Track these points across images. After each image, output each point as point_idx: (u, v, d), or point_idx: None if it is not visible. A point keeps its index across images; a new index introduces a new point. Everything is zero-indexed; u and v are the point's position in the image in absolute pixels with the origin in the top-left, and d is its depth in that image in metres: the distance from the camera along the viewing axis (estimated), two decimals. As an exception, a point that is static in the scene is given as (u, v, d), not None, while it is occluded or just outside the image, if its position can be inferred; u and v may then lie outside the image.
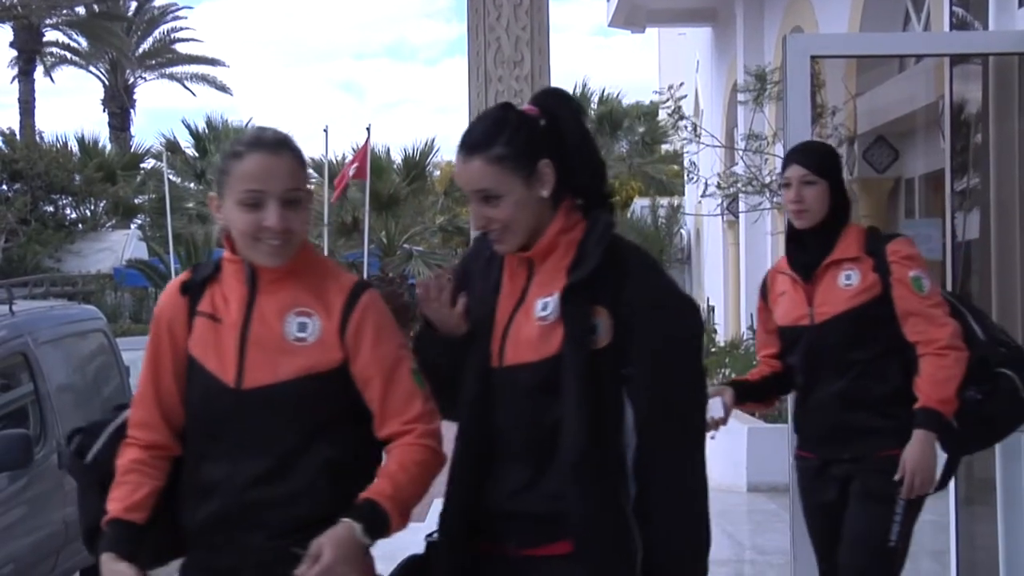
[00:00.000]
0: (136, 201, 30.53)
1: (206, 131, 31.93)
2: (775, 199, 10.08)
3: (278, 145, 2.22)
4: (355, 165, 22.32)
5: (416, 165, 27.16)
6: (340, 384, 2.21)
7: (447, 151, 28.11)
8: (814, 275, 3.40)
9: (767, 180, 9.56)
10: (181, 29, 34.32)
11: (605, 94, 29.19)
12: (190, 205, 31.56)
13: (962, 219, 4.57)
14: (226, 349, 2.22)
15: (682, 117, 10.56)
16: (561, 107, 2.32)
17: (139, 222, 30.98)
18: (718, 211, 12.49)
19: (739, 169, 10.53)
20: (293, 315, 2.22)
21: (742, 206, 11.00)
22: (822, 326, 3.37)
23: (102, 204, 27.65)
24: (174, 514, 2.25)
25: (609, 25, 15.99)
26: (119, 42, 31.29)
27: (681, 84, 11.03)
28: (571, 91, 19.60)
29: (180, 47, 34.38)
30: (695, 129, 10.77)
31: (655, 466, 2.20)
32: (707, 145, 10.96)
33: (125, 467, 2.25)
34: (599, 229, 2.25)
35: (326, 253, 24.69)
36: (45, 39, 31.50)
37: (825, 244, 3.40)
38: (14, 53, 30.34)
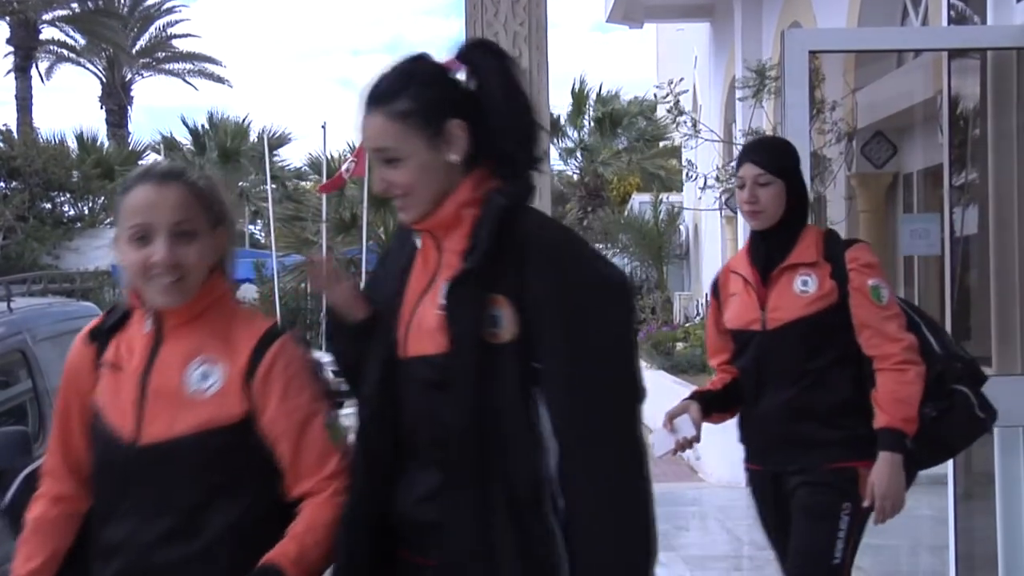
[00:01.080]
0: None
1: (205, 127, 31.94)
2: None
3: (166, 176, 2.06)
4: (352, 161, 22.32)
5: (414, 161, 27.08)
6: (245, 438, 2.01)
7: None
8: (769, 278, 3.23)
9: None
10: (177, 23, 34.33)
11: (603, 90, 29.17)
12: (188, 202, 31.50)
13: (960, 214, 4.57)
14: (125, 401, 2.05)
15: (681, 113, 10.57)
16: (486, 60, 2.02)
17: (137, 219, 30.92)
18: (716, 206, 12.50)
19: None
20: (196, 363, 2.03)
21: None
22: (774, 333, 3.20)
23: (100, 201, 27.61)
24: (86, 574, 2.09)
25: (607, 21, 15.98)
26: (116, 38, 31.26)
27: (680, 79, 11.04)
28: (570, 87, 19.38)
29: (177, 43, 34.38)
30: (695, 125, 10.78)
31: (576, 474, 1.92)
32: (705, 140, 10.97)
33: (29, 526, 2.12)
34: (490, 213, 1.96)
35: (324, 250, 24.75)
36: (42, 36, 31.48)
37: (781, 247, 3.22)
38: (10, 49, 30.31)
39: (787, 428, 3.19)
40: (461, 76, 2.03)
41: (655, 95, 22.49)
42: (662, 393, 6.21)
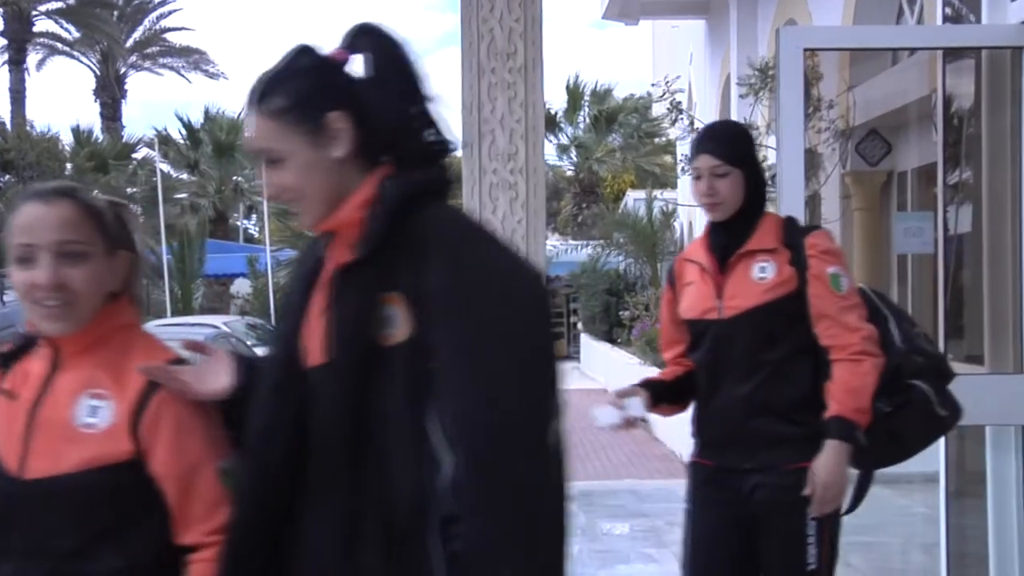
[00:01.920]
0: (128, 191, 30.42)
1: (201, 122, 31.89)
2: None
3: (53, 194, 1.91)
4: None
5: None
6: (133, 479, 1.86)
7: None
8: (726, 265, 3.09)
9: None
10: (170, 14, 34.30)
11: (599, 87, 29.17)
12: (182, 195, 31.53)
13: (954, 212, 4.57)
14: (13, 431, 1.90)
15: (679, 111, 10.59)
16: (375, 45, 1.84)
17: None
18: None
19: None
20: (86, 396, 1.88)
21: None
22: (731, 321, 3.05)
23: (94, 194, 27.52)
24: None
25: (603, 17, 15.99)
26: (110, 31, 31.21)
27: (677, 77, 11.06)
28: (564, 84, 19.36)
29: (171, 37, 34.33)
30: (692, 123, 10.79)
31: (472, 493, 1.66)
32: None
33: None
34: (384, 201, 1.77)
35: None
36: (35, 28, 31.41)
37: (740, 234, 3.09)
38: (4, 42, 30.24)
39: (745, 423, 3.03)
40: (356, 67, 1.84)
41: (649, 93, 22.43)
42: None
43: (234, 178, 31.43)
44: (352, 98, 1.81)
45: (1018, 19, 4.05)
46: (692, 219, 18.80)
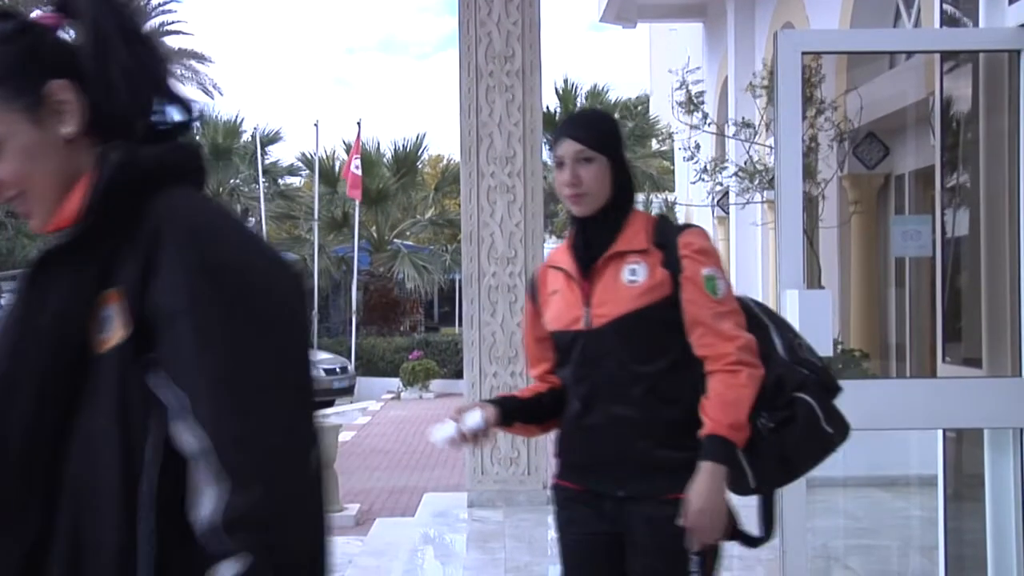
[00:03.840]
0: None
1: (197, 125, 31.92)
2: (765, 192, 10.14)
3: None
4: (357, 156, 22.44)
5: (406, 160, 27.16)
6: None
7: (437, 146, 28.13)
8: (593, 269, 2.77)
9: (759, 167, 9.66)
10: (172, 22, 34.28)
11: (592, 88, 29.17)
12: (179, 199, 31.57)
13: (952, 215, 4.58)
14: None
15: (695, 103, 10.62)
16: (90, 4, 1.51)
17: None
18: (708, 200, 12.57)
19: (734, 157, 10.68)
20: None
21: (732, 197, 11.11)
22: (600, 331, 2.73)
23: (91, 197, 27.51)
24: None
25: (600, 20, 16.01)
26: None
27: (698, 67, 11.10)
28: (557, 86, 19.36)
29: (169, 40, 34.34)
30: (705, 117, 10.80)
31: (208, 529, 1.36)
32: (708, 132, 11.04)
33: None
34: (100, 175, 1.45)
35: (316, 248, 24.72)
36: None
37: (607, 234, 2.78)
38: None
39: (619, 447, 2.72)
40: (72, 32, 1.54)
41: (647, 93, 22.45)
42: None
43: (231, 181, 31.47)
44: (74, 66, 1.49)
45: (1016, 22, 4.05)
46: (690, 220, 18.83)
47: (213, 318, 1.38)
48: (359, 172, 22.27)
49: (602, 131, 2.82)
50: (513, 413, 2.87)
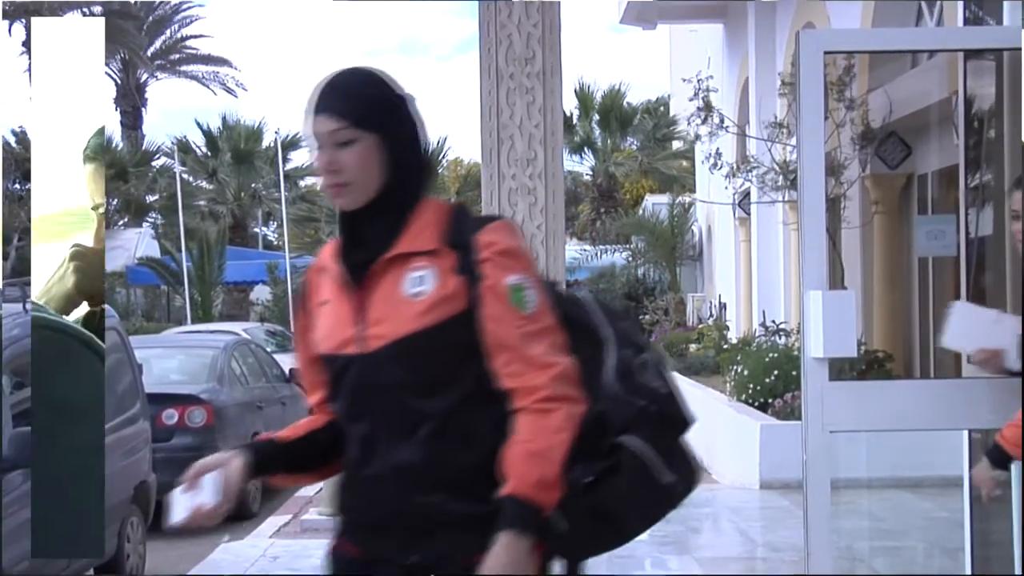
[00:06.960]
0: (148, 199, 30.63)
1: (220, 129, 32.09)
2: (789, 192, 10.12)
3: None
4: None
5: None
6: None
7: (458, 149, 28.16)
8: (367, 276, 2.18)
9: (792, 166, 9.68)
10: (191, 22, 34.46)
11: (611, 88, 29.15)
12: (202, 202, 31.69)
13: (976, 215, 4.55)
14: None
15: (710, 108, 10.64)
16: None
17: (151, 220, 31.09)
18: (731, 199, 12.56)
19: (760, 157, 10.68)
20: None
21: (755, 196, 11.10)
22: (376, 356, 2.14)
23: (114, 202, 27.72)
24: None
25: (620, 22, 16.01)
26: (131, 40, 31.40)
27: (710, 77, 11.12)
28: (575, 88, 19.50)
29: (192, 44, 34.54)
30: (722, 120, 10.80)
31: None
32: (729, 132, 11.05)
33: None
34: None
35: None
36: (57, 38, 31.62)
37: (384, 231, 2.18)
38: (25, 51, 30.46)
39: (404, 500, 2.14)
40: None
41: (668, 95, 22.39)
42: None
43: (252, 185, 31.59)
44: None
45: (1039, 20, 4.03)
46: (711, 221, 18.79)
47: None
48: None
49: (366, 102, 2.16)
50: (272, 461, 2.29)
